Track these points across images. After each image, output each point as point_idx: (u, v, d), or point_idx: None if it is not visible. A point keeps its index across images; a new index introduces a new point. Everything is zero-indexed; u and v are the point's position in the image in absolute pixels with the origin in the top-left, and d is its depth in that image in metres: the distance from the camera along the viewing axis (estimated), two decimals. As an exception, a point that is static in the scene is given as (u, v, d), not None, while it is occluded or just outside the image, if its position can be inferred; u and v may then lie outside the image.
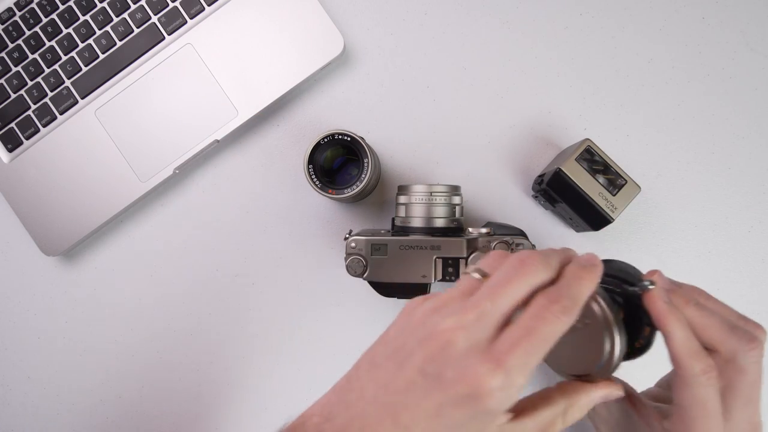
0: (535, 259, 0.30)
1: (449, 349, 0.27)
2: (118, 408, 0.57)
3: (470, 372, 0.27)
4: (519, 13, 0.56)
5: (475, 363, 0.27)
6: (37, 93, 0.56)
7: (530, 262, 0.29)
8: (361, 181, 0.48)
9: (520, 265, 0.29)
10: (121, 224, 0.58)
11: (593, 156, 0.48)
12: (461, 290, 0.30)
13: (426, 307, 0.30)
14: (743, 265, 0.54)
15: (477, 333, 0.28)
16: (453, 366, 0.27)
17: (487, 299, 0.28)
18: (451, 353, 0.27)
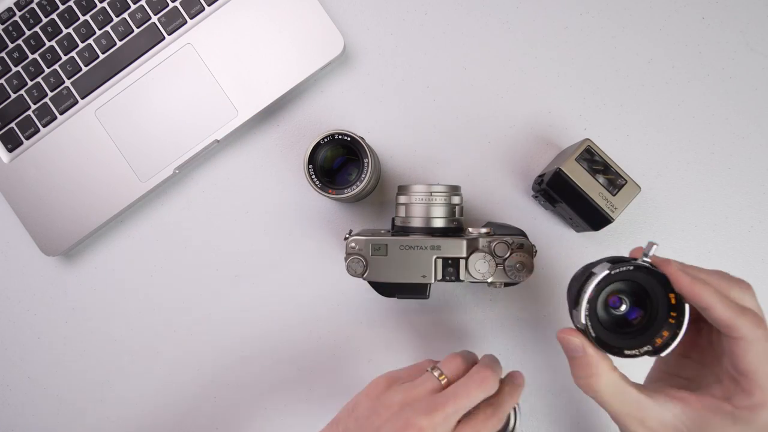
0: (491, 380, 0.39)
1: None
2: (118, 408, 0.57)
3: None
4: (519, 13, 0.56)
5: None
6: (37, 93, 0.56)
7: (489, 382, 0.38)
8: (361, 181, 0.48)
9: (481, 381, 0.38)
10: (121, 224, 0.58)
11: (593, 156, 0.48)
12: (427, 389, 0.39)
13: (399, 397, 0.38)
14: (743, 265, 0.54)
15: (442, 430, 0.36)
16: None
17: (452, 404, 0.37)
18: None
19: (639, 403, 0.34)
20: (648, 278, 0.34)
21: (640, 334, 0.35)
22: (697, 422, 0.33)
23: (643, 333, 0.35)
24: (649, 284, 0.35)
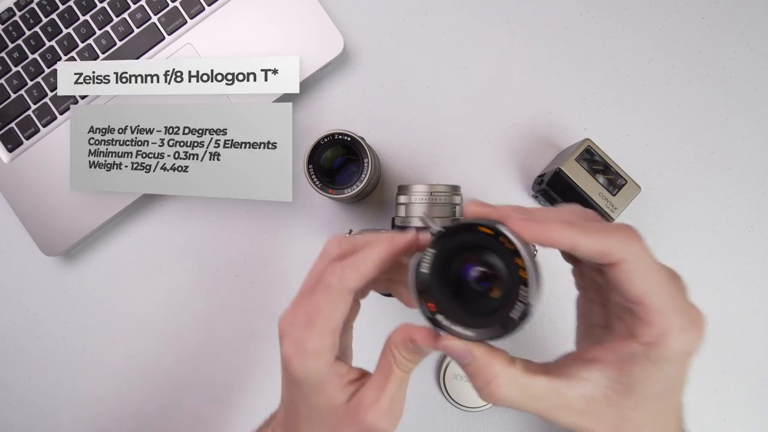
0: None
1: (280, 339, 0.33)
2: (118, 408, 0.57)
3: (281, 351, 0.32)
4: (519, 13, 0.56)
5: (282, 344, 0.32)
6: (37, 93, 0.56)
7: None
8: (361, 181, 0.48)
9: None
10: (121, 224, 0.58)
11: (593, 156, 0.48)
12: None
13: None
14: (743, 265, 0.54)
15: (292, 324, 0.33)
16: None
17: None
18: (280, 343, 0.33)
19: (554, 390, 0.28)
20: (495, 242, 0.27)
21: (497, 312, 0.27)
22: (622, 379, 0.28)
23: (499, 311, 0.27)
24: (499, 249, 0.27)
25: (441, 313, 0.28)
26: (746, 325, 0.53)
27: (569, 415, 0.29)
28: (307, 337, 0.31)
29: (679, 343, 0.27)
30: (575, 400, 0.28)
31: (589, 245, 0.26)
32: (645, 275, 0.27)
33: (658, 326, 0.27)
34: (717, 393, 0.53)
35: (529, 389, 0.28)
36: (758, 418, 0.53)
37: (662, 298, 0.27)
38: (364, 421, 0.32)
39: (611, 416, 0.29)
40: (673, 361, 0.27)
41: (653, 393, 0.28)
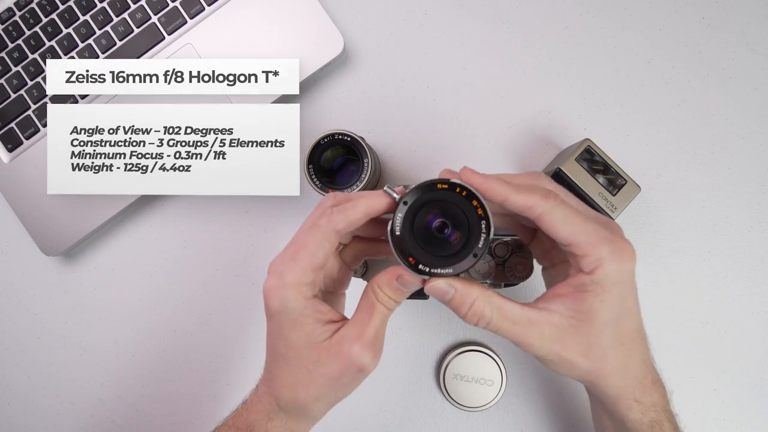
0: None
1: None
2: (118, 408, 0.57)
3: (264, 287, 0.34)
4: (519, 13, 0.56)
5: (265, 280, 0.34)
6: (37, 93, 0.56)
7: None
8: (361, 181, 0.48)
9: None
10: (121, 224, 0.58)
11: (593, 156, 0.48)
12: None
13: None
14: (743, 265, 0.54)
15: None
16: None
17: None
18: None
19: (526, 316, 0.33)
20: (452, 195, 0.33)
21: (464, 249, 0.33)
22: (579, 308, 0.33)
23: (466, 248, 0.33)
24: (455, 200, 0.33)
25: (420, 263, 0.32)
26: (746, 325, 0.53)
27: (542, 342, 0.33)
28: (288, 270, 0.33)
29: (614, 263, 0.32)
30: (546, 328, 0.33)
31: (516, 200, 0.32)
32: (566, 220, 0.32)
33: (591, 254, 0.32)
34: (717, 393, 0.53)
35: (504, 310, 0.33)
36: (758, 418, 0.53)
37: (588, 234, 0.32)
38: (349, 355, 0.33)
39: (580, 342, 0.33)
40: (616, 280, 0.32)
41: (611, 317, 0.33)
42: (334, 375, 0.34)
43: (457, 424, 0.54)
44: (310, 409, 0.36)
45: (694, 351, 0.54)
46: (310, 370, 0.34)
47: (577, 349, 0.33)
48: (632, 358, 0.35)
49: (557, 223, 0.32)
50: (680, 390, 0.53)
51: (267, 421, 0.37)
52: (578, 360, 0.33)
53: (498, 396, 0.52)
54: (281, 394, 0.36)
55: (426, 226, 0.33)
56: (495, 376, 0.52)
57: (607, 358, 0.34)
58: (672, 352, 0.53)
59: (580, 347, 0.33)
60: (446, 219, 0.33)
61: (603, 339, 0.33)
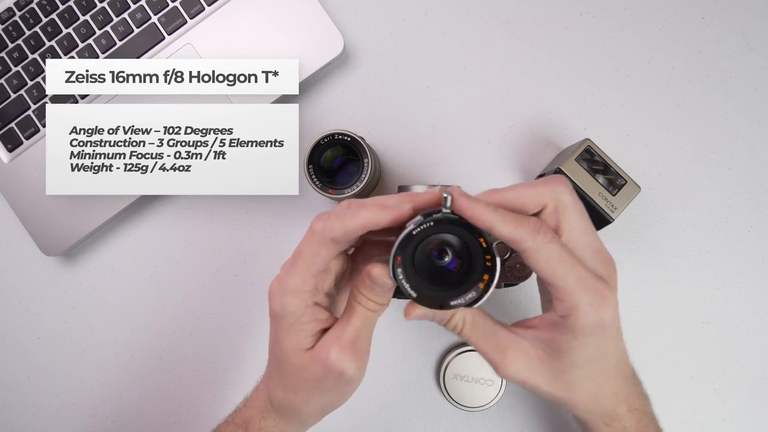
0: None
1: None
2: (118, 408, 0.57)
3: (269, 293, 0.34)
4: (519, 13, 0.56)
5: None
6: (37, 93, 0.56)
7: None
8: (361, 181, 0.48)
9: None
10: (121, 224, 0.58)
11: (593, 156, 0.48)
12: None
13: None
14: (743, 265, 0.54)
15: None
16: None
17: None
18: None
19: (497, 336, 0.34)
20: (455, 228, 0.32)
21: (463, 282, 0.32)
22: (549, 344, 0.33)
23: (466, 281, 0.32)
24: (459, 233, 0.32)
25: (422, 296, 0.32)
26: (746, 325, 0.53)
27: (509, 367, 0.33)
28: (290, 275, 0.33)
29: (587, 316, 0.31)
30: (512, 353, 0.33)
31: (503, 231, 0.30)
32: (550, 262, 0.31)
33: (567, 301, 0.31)
34: (717, 393, 0.53)
35: (478, 323, 0.34)
36: (758, 418, 0.53)
37: (568, 280, 0.31)
38: (327, 358, 0.33)
39: (545, 373, 0.33)
40: (587, 332, 0.31)
41: (580, 359, 0.32)
42: (317, 379, 0.34)
43: (457, 424, 0.54)
44: (300, 412, 0.36)
45: (694, 351, 0.54)
46: (297, 375, 0.35)
47: (543, 378, 0.34)
48: (603, 390, 0.35)
49: (541, 262, 0.31)
50: (680, 390, 0.54)
51: (261, 419, 0.38)
52: (543, 387, 0.34)
53: (498, 396, 0.52)
54: (275, 394, 0.37)
55: (427, 256, 0.33)
56: (495, 376, 0.52)
57: (574, 390, 0.34)
58: (672, 352, 0.53)
59: (546, 377, 0.34)
60: (446, 247, 0.33)
61: (570, 375, 0.33)
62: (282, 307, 0.33)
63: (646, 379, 0.54)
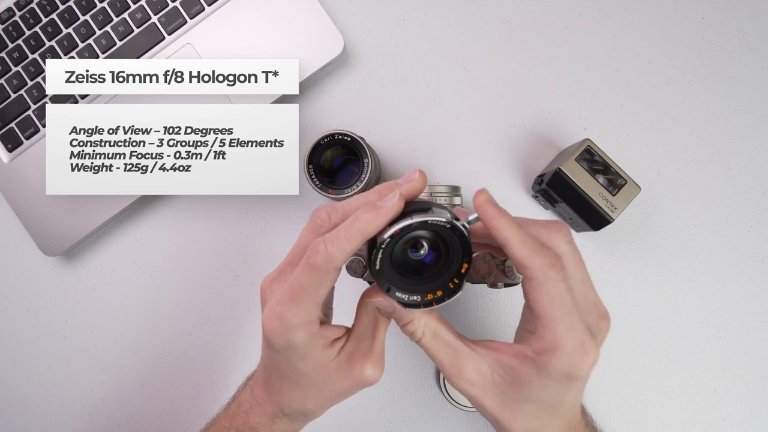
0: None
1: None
2: (118, 408, 0.57)
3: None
4: (519, 13, 0.56)
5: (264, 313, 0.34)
6: (37, 93, 0.56)
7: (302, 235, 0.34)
8: (361, 181, 0.48)
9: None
10: (121, 224, 0.58)
11: (593, 156, 0.48)
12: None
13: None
14: (743, 265, 0.54)
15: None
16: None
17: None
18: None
19: (455, 349, 0.34)
20: (454, 237, 0.32)
21: (436, 278, 0.33)
22: (510, 372, 0.32)
23: (438, 278, 0.33)
24: (453, 241, 0.32)
25: (397, 291, 0.33)
26: (746, 325, 0.53)
27: (461, 380, 0.33)
28: (291, 312, 0.32)
29: (562, 363, 0.30)
30: (468, 369, 0.33)
31: (517, 252, 0.30)
32: (549, 299, 0.30)
33: (548, 342, 0.30)
34: (717, 393, 0.53)
35: (438, 335, 0.34)
36: (758, 418, 0.53)
37: (561, 322, 0.30)
38: (362, 374, 0.34)
39: (495, 398, 0.33)
40: (555, 377, 0.31)
41: (535, 396, 0.32)
42: (344, 390, 0.35)
43: (457, 424, 0.54)
44: (316, 414, 0.37)
45: (694, 351, 0.54)
46: (319, 388, 0.35)
47: (491, 401, 0.33)
48: (544, 430, 0.34)
49: (541, 298, 0.30)
50: (680, 390, 0.54)
51: (271, 424, 0.38)
52: (489, 409, 0.34)
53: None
54: (287, 404, 0.36)
55: (402, 251, 0.33)
56: None
57: (517, 421, 0.34)
58: (672, 352, 0.53)
59: (494, 401, 0.33)
60: (423, 240, 0.33)
61: (518, 406, 0.33)
62: (289, 342, 0.32)
63: (646, 378, 0.54)
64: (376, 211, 0.31)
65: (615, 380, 0.53)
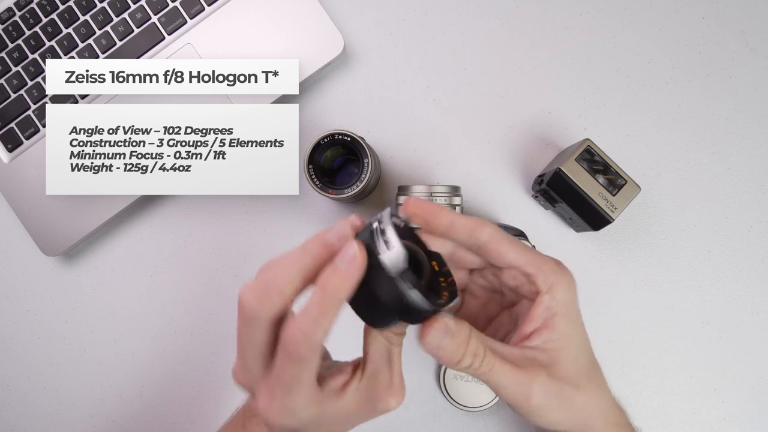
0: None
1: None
2: (118, 408, 0.57)
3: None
4: (519, 13, 0.56)
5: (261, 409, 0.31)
6: (37, 93, 0.56)
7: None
8: (361, 181, 0.48)
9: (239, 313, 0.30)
10: (121, 224, 0.58)
11: (593, 156, 0.48)
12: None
13: None
14: (743, 265, 0.54)
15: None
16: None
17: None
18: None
19: (518, 354, 0.32)
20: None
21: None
22: (551, 336, 0.32)
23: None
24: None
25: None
26: (746, 325, 0.53)
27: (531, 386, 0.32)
28: (291, 401, 0.29)
29: (565, 277, 0.33)
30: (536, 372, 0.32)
31: (463, 222, 0.32)
32: (510, 244, 0.32)
33: (543, 270, 0.32)
34: (717, 393, 0.53)
35: (496, 349, 0.32)
36: (758, 418, 0.53)
37: (533, 254, 0.32)
38: (386, 407, 0.32)
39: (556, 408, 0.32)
40: (566, 288, 0.33)
41: (562, 363, 0.32)
42: (365, 418, 0.33)
43: (457, 424, 0.54)
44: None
45: (694, 351, 0.54)
46: (340, 423, 0.33)
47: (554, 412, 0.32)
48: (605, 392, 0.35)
49: (505, 245, 0.32)
50: (680, 390, 0.54)
51: None
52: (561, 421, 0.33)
53: (498, 396, 0.52)
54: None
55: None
56: None
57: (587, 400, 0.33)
58: (672, 352, 0.53)
59: (557, 412, 0.32)
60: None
61: (568, 393, 0.32)
62: (301, 421, 0.30)
63: (646, 379, 0.54)
64: (340, 274, 0.27)
65: (615, 380, 0.53)
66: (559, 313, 0.32)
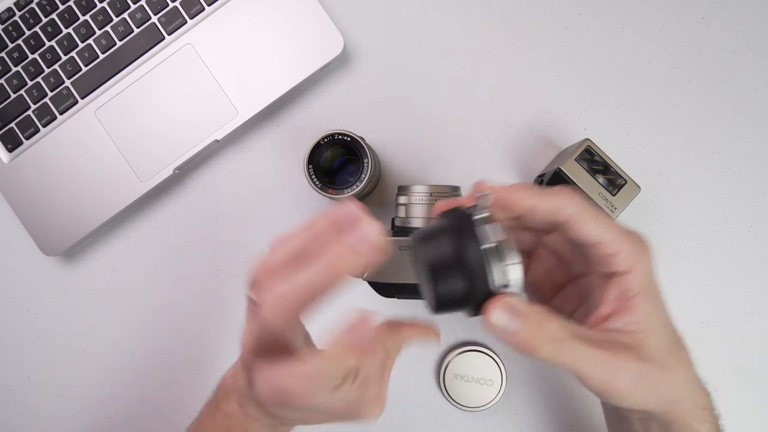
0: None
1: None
2: (118, 408, 0.57)
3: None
4: (519, 13, 0.56)
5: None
6: (37, 93, 0.56)
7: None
8: (361, 181, 0.48)
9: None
10: (121, 224, 0.58)
11: (593, 156, 0.48)
12: None
13: None
14: (743, 265, 0.54)
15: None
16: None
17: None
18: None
19: (600, 335, 0.31)
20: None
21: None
22: (633, 319, 0.32)
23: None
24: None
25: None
26: (746, 325, 0.53)
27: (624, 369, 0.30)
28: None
29: (644, 254, 0.31)
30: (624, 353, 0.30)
31: (546, 205, 0.30)
32: (594, 221, 0.30)
33: (623, 249, 0.30)
34: (717, 393, 0.53)
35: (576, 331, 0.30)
36: (758, 418, 0.53)
37: (614, 234, 0.30)
38: (369, 416, 0.33)
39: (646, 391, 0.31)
40: (646, 264, 0.31)
41: (646, 344, 0.31)
42: (340, 422, 0.34)
43: (457, 424, 0.54)
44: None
45: (694, 351, 0.53)
46: (319, 416, 0.34)
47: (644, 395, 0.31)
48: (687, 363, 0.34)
49: (588, 222, 0.30)
50: (680, 390, 0.53)
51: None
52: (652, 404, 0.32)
53: (498, 396, 0.52)
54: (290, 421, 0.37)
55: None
56: (495, 376, 0.52)
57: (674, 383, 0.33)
58: (672, 352, 0.53)
59: (646, 395, 0.31)
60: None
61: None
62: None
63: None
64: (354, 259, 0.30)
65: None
66: (640, 294, 0.31)
